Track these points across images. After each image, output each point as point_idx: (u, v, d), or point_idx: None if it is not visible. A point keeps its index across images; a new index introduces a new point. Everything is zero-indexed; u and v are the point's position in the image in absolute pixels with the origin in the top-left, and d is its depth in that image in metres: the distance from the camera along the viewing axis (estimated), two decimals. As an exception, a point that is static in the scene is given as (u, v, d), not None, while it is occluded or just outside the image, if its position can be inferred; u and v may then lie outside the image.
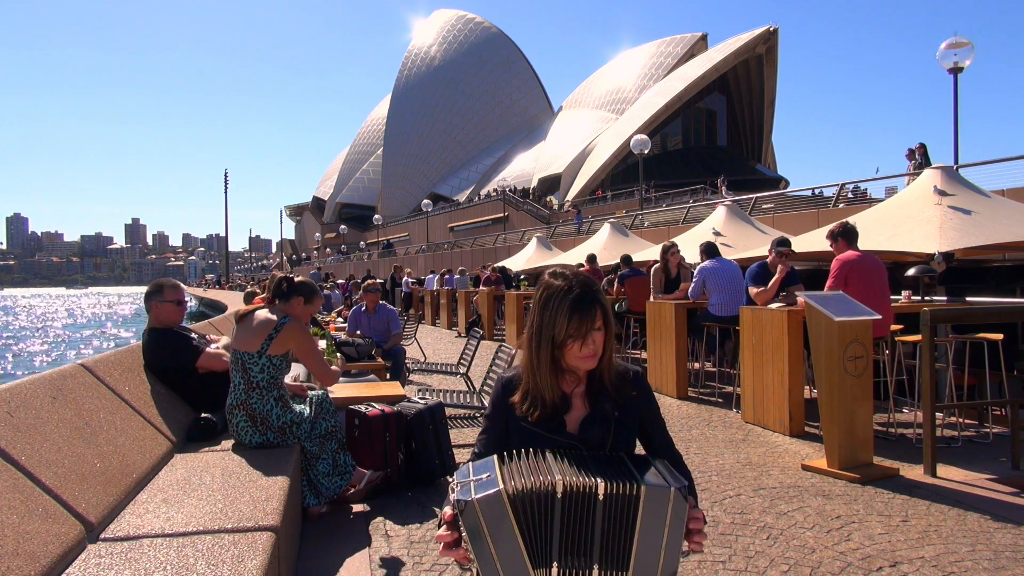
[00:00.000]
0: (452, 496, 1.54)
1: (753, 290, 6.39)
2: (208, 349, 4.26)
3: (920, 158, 16.50)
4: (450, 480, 1.60)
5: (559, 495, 1.49)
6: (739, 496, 4.13)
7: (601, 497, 1.48)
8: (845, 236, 5.68)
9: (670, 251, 8.59)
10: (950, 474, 4.53)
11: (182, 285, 4.63)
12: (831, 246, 5.78)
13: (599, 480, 1.49)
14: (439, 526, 1.62)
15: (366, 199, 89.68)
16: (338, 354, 5.58)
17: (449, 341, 14.82)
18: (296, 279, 4.00)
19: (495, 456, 1.63)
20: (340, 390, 4.87)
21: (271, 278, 4.14)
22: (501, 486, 1.49)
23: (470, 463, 1.66)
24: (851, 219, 6.35)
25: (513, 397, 1.80)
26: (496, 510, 1.48)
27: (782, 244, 6.69)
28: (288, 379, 4.05)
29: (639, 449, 1.85)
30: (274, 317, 3.78)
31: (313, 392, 4.03)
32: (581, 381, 1.80)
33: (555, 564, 1.50)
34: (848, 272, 5.42)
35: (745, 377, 6.17)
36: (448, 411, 4.91)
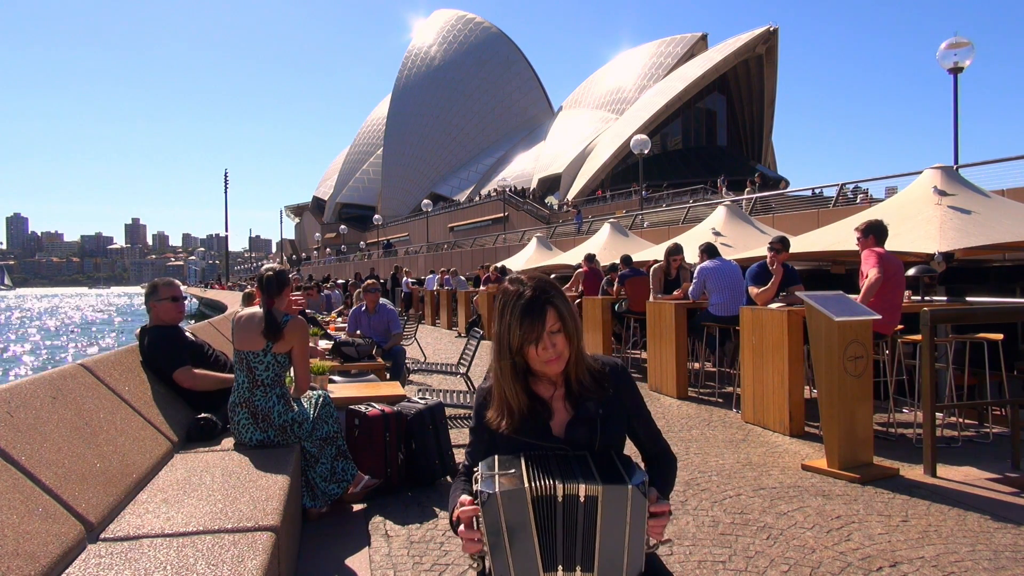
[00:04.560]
0: (476, 486, 1.55)
1: (753, 290, 6.38)
2: (195, 370, 4.13)
3: (758, 181, 18.93)
4: (474, 472, 1.62)
5: (560, 499, 1.50)
6: (739, 496, 4.13)
7: (582, 499, 1.50)
8: (875, 232, 5.65)
9: (673, 254, 8.61)
10: (950, 474, 4.53)
11: (177, 282, 4.58)
12: (858, 242, 5.74)
13: (581, 484, 1.50)
14: (452, 510, 1.65)
15: (366, 199, 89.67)
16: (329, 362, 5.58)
17: (449, 341, 14.82)
18: (272, 270, 3.98)
19: (523, 454, 1.64)
20: (340, 390, 4.87)
21: (259, 274, 4.12)
22: (526, 484, 1.50)
23: (496, 456, 1.66)
24: (850, 218, 6.34)
25: (488, 412, 1.79)
26: (518, 507, 1.49)
27: (779, 241, 6.71)
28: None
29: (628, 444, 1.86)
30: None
31: (314, 392, 4.03)
32: (559, 385, 1.78)
33: (560, 568, 1.52)
34: (884, 265, 5.39)
35: (745, 377, 6.17)
36: (448, 411, 4.91)
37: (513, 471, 1.56)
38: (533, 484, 1.50)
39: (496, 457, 1.64)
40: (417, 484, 4.39)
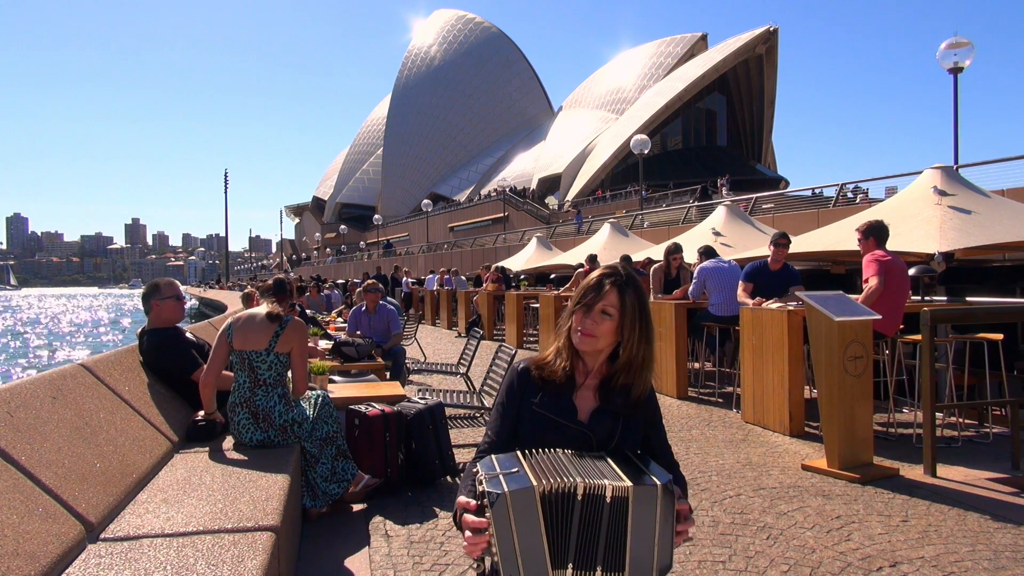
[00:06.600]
0: (481, 487, 1.54)
1: (739, 288, 6.50)
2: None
3: (729, 183, 19.66)
4: (475, 471, 1.62)
5: (579, 497, 1.51)
6: (739, 496, 4.13)
7: (608, 499, 1.50)
8: (876, 234, 5.63)
9: (673, 254, 8.62)
10: (950, 474, 4.53)
11: (176, 282, 4.61)
12: (859, 243, 5.73)
13: (607, 482, 1.51)
14: (455, 515, 1.64)
15: (366, 199, 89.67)
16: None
17: (449, 341, 14.81)
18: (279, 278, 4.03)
19: (518, 452, 1.66)
20: (340, 390, 4.87)
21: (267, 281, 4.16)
22: (534, 483, 1.51)
23: (492, 456, 1.67)
24: (850, 218, 6.34)
25: (536, 370, 1.84)
26: (527, 506, 1.49)
27: (782, 237, 6.71)
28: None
29: None
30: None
31: (314, 392, 4.04)
32: (593, 374, 1.84)
33: (570, 566, 1.52)
34: (888, 270, 5.39)
35: (745, 377, 6.17)
36: (448, 411, 4.91)
37: (516, 470, 1.56)
38: (542, 481, 1.51)
39: (493, 457, 1.66)
40: (417, 484, 4.39)
